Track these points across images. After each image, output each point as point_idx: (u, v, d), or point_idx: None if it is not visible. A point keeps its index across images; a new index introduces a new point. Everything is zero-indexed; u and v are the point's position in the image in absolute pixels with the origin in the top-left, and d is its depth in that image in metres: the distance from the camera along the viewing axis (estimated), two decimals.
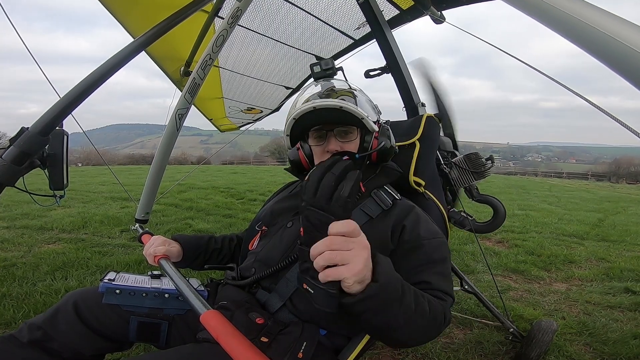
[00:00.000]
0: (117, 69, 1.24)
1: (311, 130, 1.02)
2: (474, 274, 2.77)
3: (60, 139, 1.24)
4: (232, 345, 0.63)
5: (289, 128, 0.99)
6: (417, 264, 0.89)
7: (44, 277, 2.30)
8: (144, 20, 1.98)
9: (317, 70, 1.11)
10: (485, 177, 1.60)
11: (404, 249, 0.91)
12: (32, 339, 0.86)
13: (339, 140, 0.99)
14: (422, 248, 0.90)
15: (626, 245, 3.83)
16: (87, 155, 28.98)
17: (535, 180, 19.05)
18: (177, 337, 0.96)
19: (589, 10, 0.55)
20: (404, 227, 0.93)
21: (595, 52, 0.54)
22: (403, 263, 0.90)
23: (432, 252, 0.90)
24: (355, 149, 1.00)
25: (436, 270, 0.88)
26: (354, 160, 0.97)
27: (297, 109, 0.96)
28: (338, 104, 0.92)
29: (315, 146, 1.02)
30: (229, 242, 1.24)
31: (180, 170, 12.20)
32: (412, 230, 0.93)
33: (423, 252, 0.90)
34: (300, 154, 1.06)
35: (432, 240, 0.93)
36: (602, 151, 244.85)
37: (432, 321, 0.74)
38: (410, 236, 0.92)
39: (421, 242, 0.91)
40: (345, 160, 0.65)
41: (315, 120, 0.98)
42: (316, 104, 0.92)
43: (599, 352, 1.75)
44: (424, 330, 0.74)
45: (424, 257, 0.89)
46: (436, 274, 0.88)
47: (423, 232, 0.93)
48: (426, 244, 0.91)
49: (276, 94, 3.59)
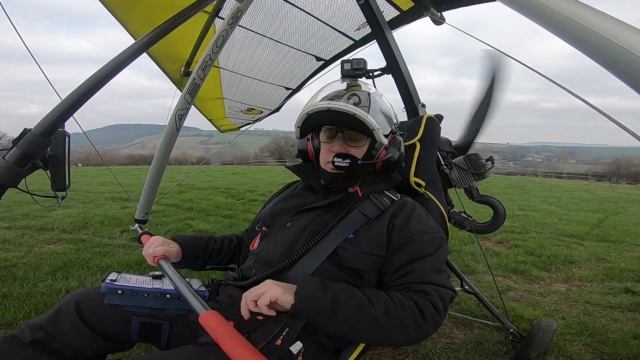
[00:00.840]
0: (119, 71, 1.24)
1: (323, 127, 1.03)
2: (474, 275, 2.77)
3: (62, 140, 1.24)
4: (231, 346, 0.63)
5: (301, 121, 1.00)
6: (407, 258, 0.90)
7: (45, 277, 2.31)
8: (145, 20, 1.99)
9: (347, 68, 1.11)
10: (485, 178, 1.60)
11: (394, 245, 0.93)
12: (34, 339, 0.86)
13: (346, 143, 1.00)
14: (413, 243, 0.92)
15: (626, 245, 3.83)
16: (87, 156, 28.97)
17: (535, 180, 19.03)
18: (179, 338, 0.96)
19: (585, 11, 0.55)
20: (394, 225, 0.95)
21: (591, 53, 0.54)
22: (394, 259, 0.92)
23: (424, 246, 0.92)
24: (362, 154, 1.01)
25: (424, 262, 0.90)
26: (355, 165, 0.98)
27: (313, 105, 0.97)
28: (352, 110, 0.92)
29: (324, 143, 1.04)
30: (229, 243, 1.24)
31: (180, 170, 12.20)
32: (402, 227, 0.94)
33: (414, 246, 0.91)
34: (308, 145, 1.09)
35: (424, 235, 0.94)
36: (602, 151, 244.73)
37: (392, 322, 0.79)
38: (400, 233, 0.94)
39: (412, 237, 0.93)
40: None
41: (328, 120, 0.99)
42: (331, 105, 0.93)
43: (598, 352, 1.75)
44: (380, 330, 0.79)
45: (413, 251, 0.91)
46: (424, 265, 0.89)
47: (414, 228, 0.95)
48: (417, 239, 0.92)
49: (276, 95, 3.60)
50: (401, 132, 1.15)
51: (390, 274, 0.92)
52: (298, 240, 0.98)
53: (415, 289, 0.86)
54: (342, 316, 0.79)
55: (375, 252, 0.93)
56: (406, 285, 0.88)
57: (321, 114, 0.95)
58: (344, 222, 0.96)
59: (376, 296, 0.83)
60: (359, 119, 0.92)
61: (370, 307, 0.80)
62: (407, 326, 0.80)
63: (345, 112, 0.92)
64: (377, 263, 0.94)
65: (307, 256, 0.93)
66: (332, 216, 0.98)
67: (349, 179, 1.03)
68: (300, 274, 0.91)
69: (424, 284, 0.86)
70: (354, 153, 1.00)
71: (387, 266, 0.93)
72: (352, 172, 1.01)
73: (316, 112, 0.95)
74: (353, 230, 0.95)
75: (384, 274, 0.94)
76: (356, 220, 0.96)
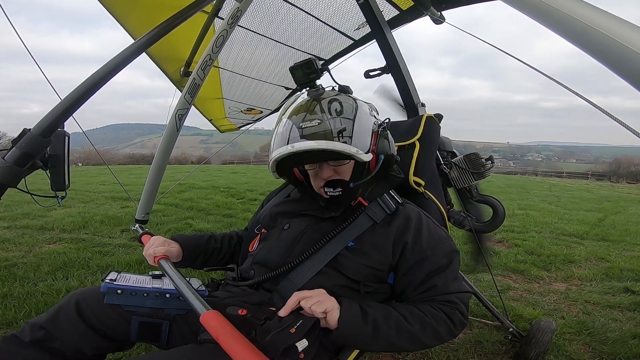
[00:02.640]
0: (118, 71, 1.24)
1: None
2: (474, 274, 2.77)
3: (62, 140, 1.25)
4: (231, 345, 0.64)
5: (274, 167, 0.94)
6: (425, 275, 0.92)
7: (45, 277, 2.31)
8: (144, 20, 1.99)
9: (299, 75, 0.99)
10: (485, 177, 1.60)
11: (409, 264, 0.93)
12: (34, 338, 0.86)
13: (332, 166, 0.95)
14: (428, 259, 0.93)
15: (626, 245, 3.83)
16: (87, 155, 28.97)
17: (535, 179, 19.03)
18: (179, 337, 0.96)
19: (586, 9, 0.55)
20: (406, 245, 0.94)
21: (593, 51, 0.54)
22: (411, 277, 0.93)
23: (439, 260, 0.93)
24: (350, 172, 0.96)
25: (444, 275, 0.92)
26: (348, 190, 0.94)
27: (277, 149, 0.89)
28: (319, 147, 0.84)
29: (310, 169, 0.99)
30: (229, 241, 1.24)
31: (180, 170, 12.19)
32: (414, 244, 0.94)
33: (429, 262, 0.92)
34: (295, 172, 1.05)
35: (436, 248, 0.94)
36: (603, 151, 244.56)
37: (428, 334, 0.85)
38: (413, 252, 0.93)
39: (426, 254, 0.93)
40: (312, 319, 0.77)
41: (300, 159, 0.94)
42: (296, 148, 0.86)
43: (598, 351, 1.75)
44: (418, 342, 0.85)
45: (431, 267, 0.92)
46: (443, 278, 0.91)
47: (426, 243, 0.94)
48: (431, 255, 0.93)
49: (276, 95, 3.60)
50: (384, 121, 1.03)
51: (411, 290, 0.94)
52: (297, 243, 0.97)
53: (441, 300, 0.90)
54: (382, 339, 0.82)
55: (376, 266, 0.94)
56: (431, 298, 0.91)
57: (291, 157, 0.90)
58: (348, 228, 0.95)
59: (409, 312, 0.86)
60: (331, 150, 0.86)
61: (407, 324, 0.83)
62: (441, 334, 0.86)
63: (312, 150, 0.86)
64: (375, 276, 0.95)
65: (307, 261, 0.93)
66: (332, 221, 0.98)
67: (347, 200, 0.98)
68: (300, 277, 0.91)
69: (448, 294, 0.90)
70: (343, 173, 0.95)
71: (405, 282, 0.95)
72: (348, 194, 0.96)
73: (284, 157, 0.89)
74: (356, 235, 0.94)
75: (405, 288, 0.95)
76: (362, 223, 0.96)
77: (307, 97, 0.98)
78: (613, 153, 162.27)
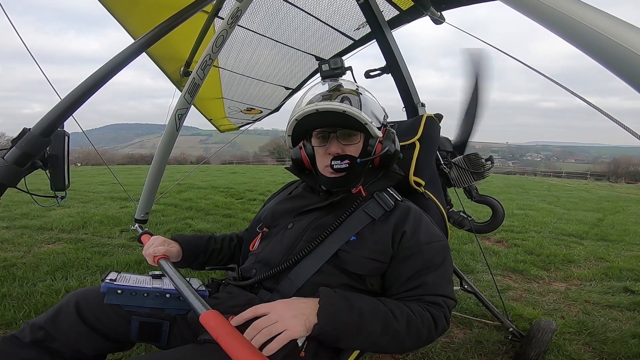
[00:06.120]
0: (118, 71, 1.24)
1: (314, 131, 1.01)
2: (474, 274, 2.78)
3: (62, 140, 1.24)
4: (232, 345, 0.63)
5: (291, 128, 0.98)
6: (417, 269, 0.90)
7: (44, 277, 2.31)
8: (144, 20, 1.99)
9: (326, 69, 1.09)
10: (484, 178, 1.60)
11: (404, 254, 0.92)
12: (34, 338, 0.86)
13: (341, 143, 0.98)
14: (422, 253, 0.92)
15: (625, 244, 3.84)
16: (87, 155, 28.94)
17: (534, 179, 19.06)
18: (179, 337, 0.96)
19: (585, 10, 0.55)
20: (404, 233, 0.94)
21: (591, 52, 0.54)
22: (403, 268, 0.92)
23: (433, 256, 0.92)
24: (358, 152, 0.99)
25: (435, 274, 0.91)
26: (355, 164, 0.97)
27: (300, 109, 0.95)
28: (341, 107, 0.90)
29: (318, 147, 1.02)
30: (229, 242, 1.24)
31: (179, 170, 12.17)
32: (412, 235, 0.94)
33: (423, 257, 0.91)
34: (302, 154, 1.06)
35: (432, 244, 0.94)
36: (601, 151, 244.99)
37: (412, 334, 0.81)
38: (410, 242, 0.93)
39: (421, 248, 0.92)
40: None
41: (318, 122, 0.97)
42: (319, 106, 0.91)
43: (598, 351, 1.75)
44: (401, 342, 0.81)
45: (423, 262, 0.91)
46: (435, 277, 0.90)
47: (423, 237, 0.94)
48: (426, 249, 0.92)
49: (276, 95, 3.60)
50: (391, 123, 1.13)
51: (399, 284, 0.91)
52: (299, 241, 0.97)
53: (429, 301, 0.88)
54: (367, 334, 0.78)
55: (379, 258, 0.93)
56: (419, 296, 0.89)
57: (310, 118, 0.93)
58: (347, 223, 0.95)
59: (398, 309, 0.83)
60: (349, 115, 0.91)
61: (394, 321, 0.80)
62: (421, 337, 0.83)
63: (334, 110, 0.90)
64: (379, 269, 0.94)
65: (308, 258, 0.92)
66: (334, 217, 0.97)
67: (349, 180, 1.00)
68: (300, 275, 0.91)
69: (437, 296, 0.89)
70: (350, 151, 0.98)
71: (394, 274, 0.93)
72: (352, 173, 0.99)
73: (305, 116, 0.93)
74: (356, 231, 0.94)
75: (392, 282, 0.93)
76: (360, 221, 0.96)
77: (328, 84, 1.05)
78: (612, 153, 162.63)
